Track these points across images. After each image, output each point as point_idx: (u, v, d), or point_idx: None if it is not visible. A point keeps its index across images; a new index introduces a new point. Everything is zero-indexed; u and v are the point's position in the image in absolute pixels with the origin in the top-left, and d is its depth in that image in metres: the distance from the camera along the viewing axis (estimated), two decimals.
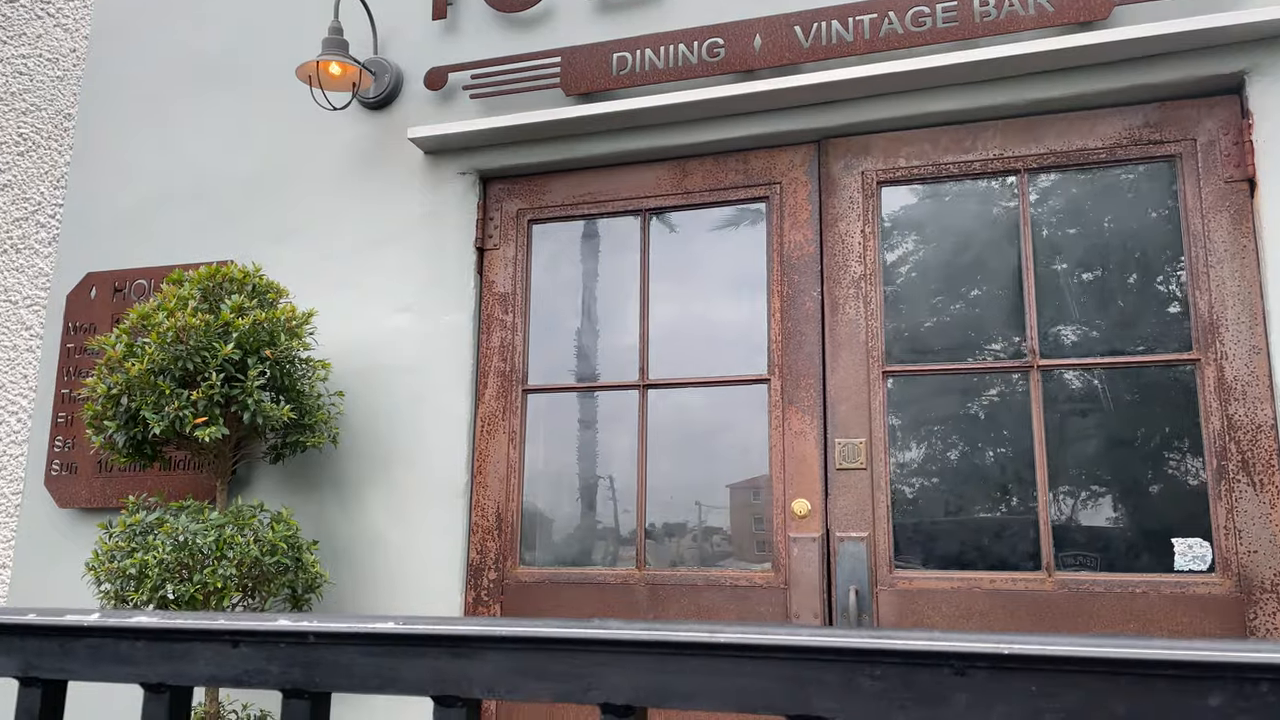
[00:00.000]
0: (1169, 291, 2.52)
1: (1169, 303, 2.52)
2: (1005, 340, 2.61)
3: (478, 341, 3.04)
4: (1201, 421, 2.42)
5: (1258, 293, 2.43)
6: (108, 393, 2.46)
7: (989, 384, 2.60)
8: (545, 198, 3.09)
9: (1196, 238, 2.49)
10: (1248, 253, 2.45)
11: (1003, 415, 2.58)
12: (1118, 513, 2.45)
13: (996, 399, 2.59)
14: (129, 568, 2.34)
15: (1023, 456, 2.54)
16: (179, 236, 3.35)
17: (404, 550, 2.90)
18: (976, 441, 2.58)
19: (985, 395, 2.60)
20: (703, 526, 2.77)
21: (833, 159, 2.83)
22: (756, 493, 2.73)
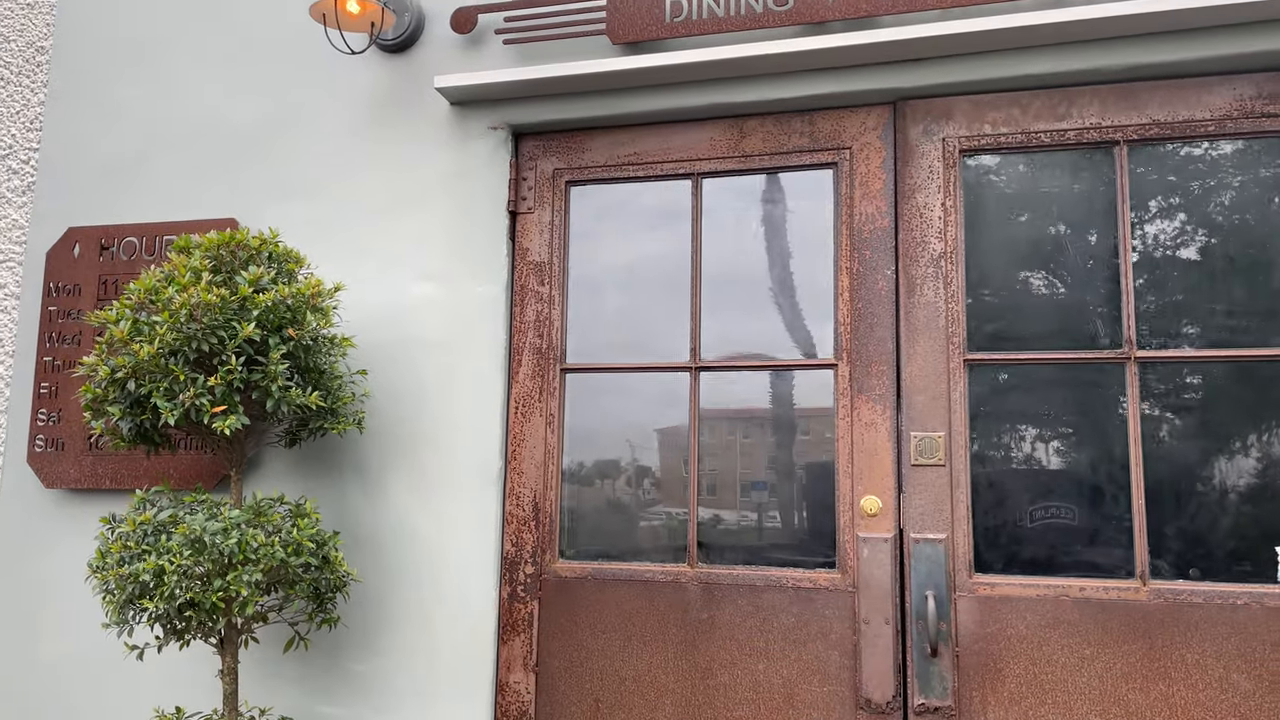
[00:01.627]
0: None
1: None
2: (1099, 329, 2.41)
3: (510, 315, 2.78)
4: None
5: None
6: (110, 375, 2.17)
7: (1081, 376, 2.41)
8: (585, 157, 2.81)
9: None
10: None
11: (1095, 410, 2.39)
12: (1219, 518, 2.28)
13: (1088, 392, 2.39)
14: (142, 573, 2.08)
15: (1116, 455, 2.36)
16: (172, 189, 3.02)
17: (433, 542, 2.67)
18: (1065, 438, 2.39)
19: (1076, 388, 2.40)
20: (760, 522, 2.57)
21: (910, 123, 2.58)
22: (820, 488, 2.53)
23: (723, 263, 2.69)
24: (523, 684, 2.61)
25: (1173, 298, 2.38)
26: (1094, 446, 2.37)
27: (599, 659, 2.58)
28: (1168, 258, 2.40)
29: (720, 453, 2.61)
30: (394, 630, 2.66)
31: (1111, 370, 2.39)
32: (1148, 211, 2.42)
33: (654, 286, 2.73)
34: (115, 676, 2.81)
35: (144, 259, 2.96)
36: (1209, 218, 2.39)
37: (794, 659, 2.45)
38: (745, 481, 2.60)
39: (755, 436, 2.60)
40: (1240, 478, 2.28)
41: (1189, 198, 2.41)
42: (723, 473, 2.61)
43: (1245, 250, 2.36)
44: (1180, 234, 2.40)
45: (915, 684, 2.34)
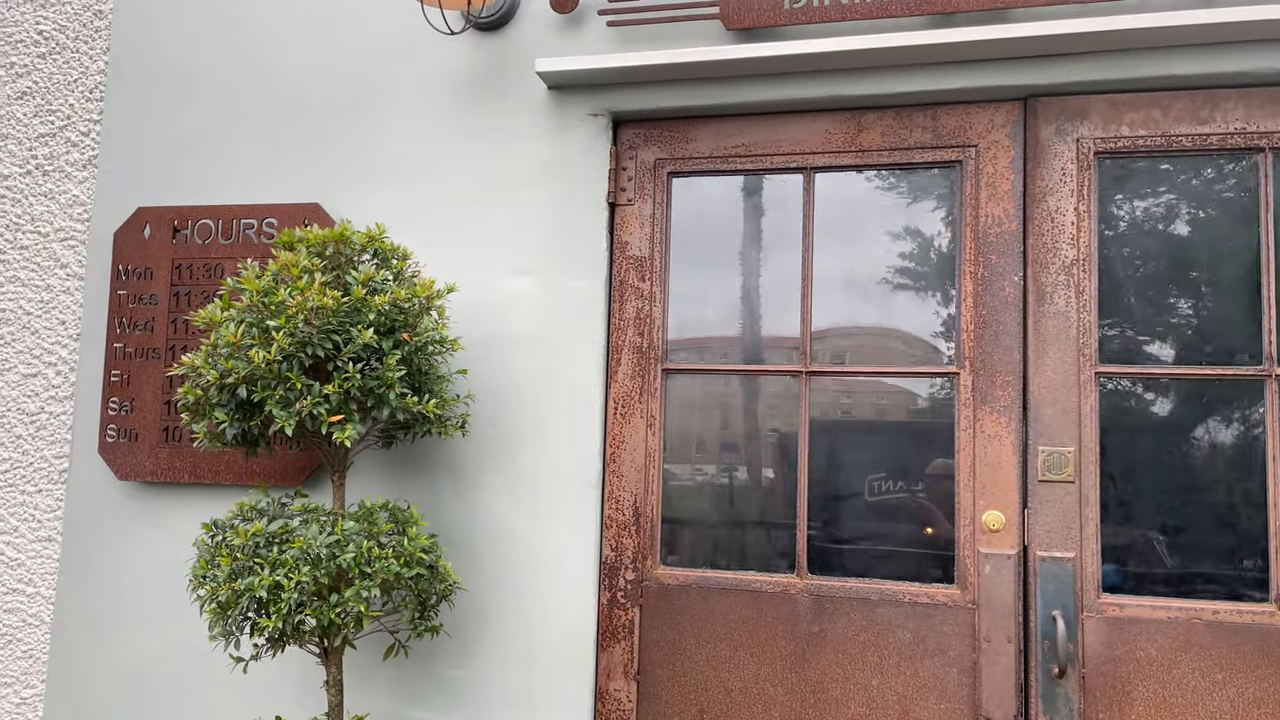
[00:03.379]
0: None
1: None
2: (1239, 344, 2.33)
3: (609, 312, 2.67)
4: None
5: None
6: (220, 380, 2.06)
7: (1217, 392, 2.33)
8: (689, 147, 2.68)
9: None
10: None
11: (1233, 428, 2.31)
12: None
13: (1225, 409, 2.32)
14: (257, 588, 1.99)
15: (1254, 474, 2.29)
16: (249, 170, 2.88)
17: (530, 545, 2.59)
18: (1199, 457, 2.32)
19: (1212, 404, 2.33)
20: (873, 533, 2.50)
21: (1042, 121, 2.46)
22: (938, 500, 2.45)
23: (835, 262, 2.58)
24: (624, 692, 2.55)
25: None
26: (1229, 466, 2.30)
27: (704, 669, 2.52)
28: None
29: (830, 460, 2.53)
30: (490, 635, 2.58)
31: (1250, 386, 2.31)
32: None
33: (761, 285, 2.63)
34: (197, 675, 2.74)
35: (219, 243, 2.83)
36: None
37: (910, 675, 2.39)
38: (856, 491, 2.52)
39: (868, 445, 2.52)
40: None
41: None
42: (832, 481, 2.53)
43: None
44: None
45: (1039, 705, 2.29)
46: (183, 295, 2.84)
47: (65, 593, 2.87)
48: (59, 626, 2.87)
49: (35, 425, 3.01)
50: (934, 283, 2.51)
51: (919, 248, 2.53)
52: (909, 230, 2.54)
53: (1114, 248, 2.41)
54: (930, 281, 2.51)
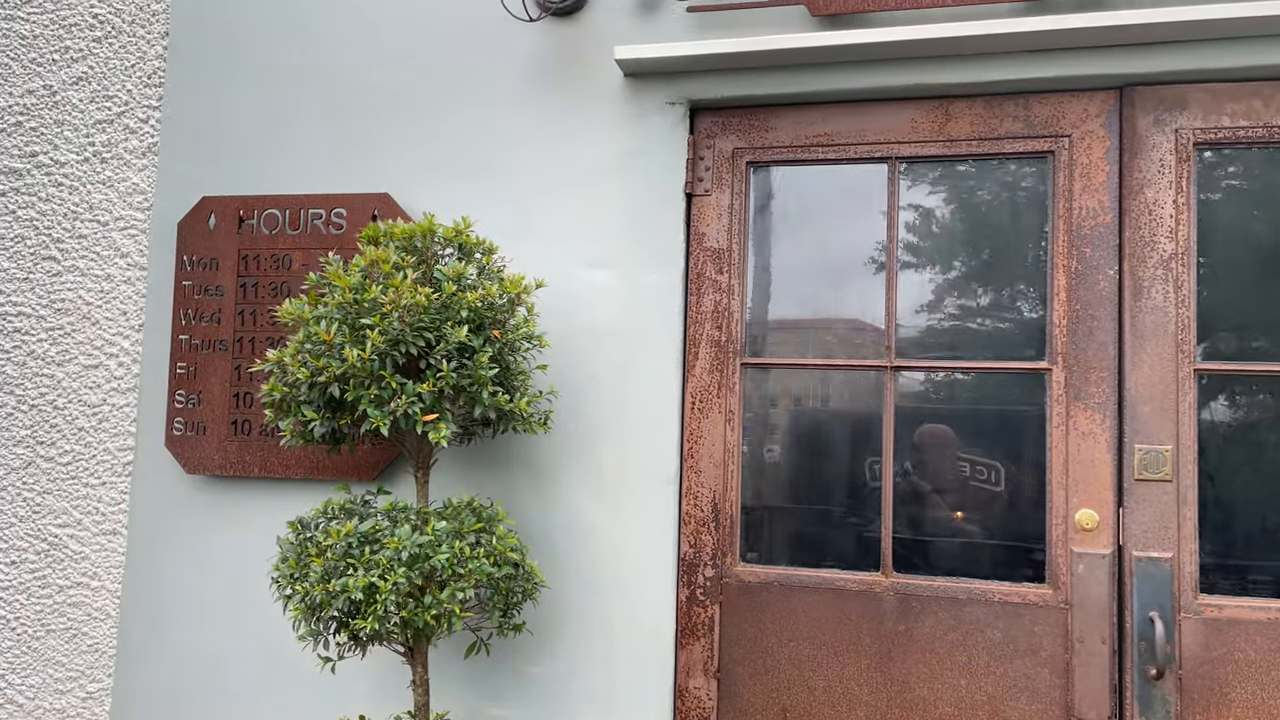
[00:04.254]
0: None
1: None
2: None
3: (686, 305, 2.62)
4: None
5: None
6: (310, 378, 2.02)
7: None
8: (768, 136, 2.63)
9: None
10: None
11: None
12: None
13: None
14: (354, 590, 1.96)
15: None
16: (315, 159, 2.83)
17: (608, 541, 2.55)
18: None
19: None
20: (959, 531, 2.46)
21: (1139, 111, 2.40)
22: (1028, 498, 2.41)
23: (921, 254, 2.53)
24: (703, 689, 2.52)
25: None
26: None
27: (786, 667, 2.49)
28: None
29: (915, 456, 2.49)
30: (569, 632, 2.55)
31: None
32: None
33: (843, 278, 2.58)
34: (270, 670, 2.71)
35: (287, 233, 2.79)
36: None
37: (999, 675, 2.36)
38: (943, 487, 2.47)
39: (954, 441, 2.47)
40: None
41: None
42: (918, 477, 2.48)
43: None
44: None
45: (1135, 706, 2.26)
46: (250, 286, 2.79)
47: (132, 586, 2.84)
48: (126, 620, 2.84)
49: (98, 417, 2.98)
50: (1024, 276, 2.45)
51: (1008, 240, 2.47)
52: (998, 222, 2.49)
53: (1214, 241, 2.35)
54: (1020, 275, 2.46)
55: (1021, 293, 2.45)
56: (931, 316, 2.51)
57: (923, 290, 2.52)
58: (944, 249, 2.52)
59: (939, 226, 2.53)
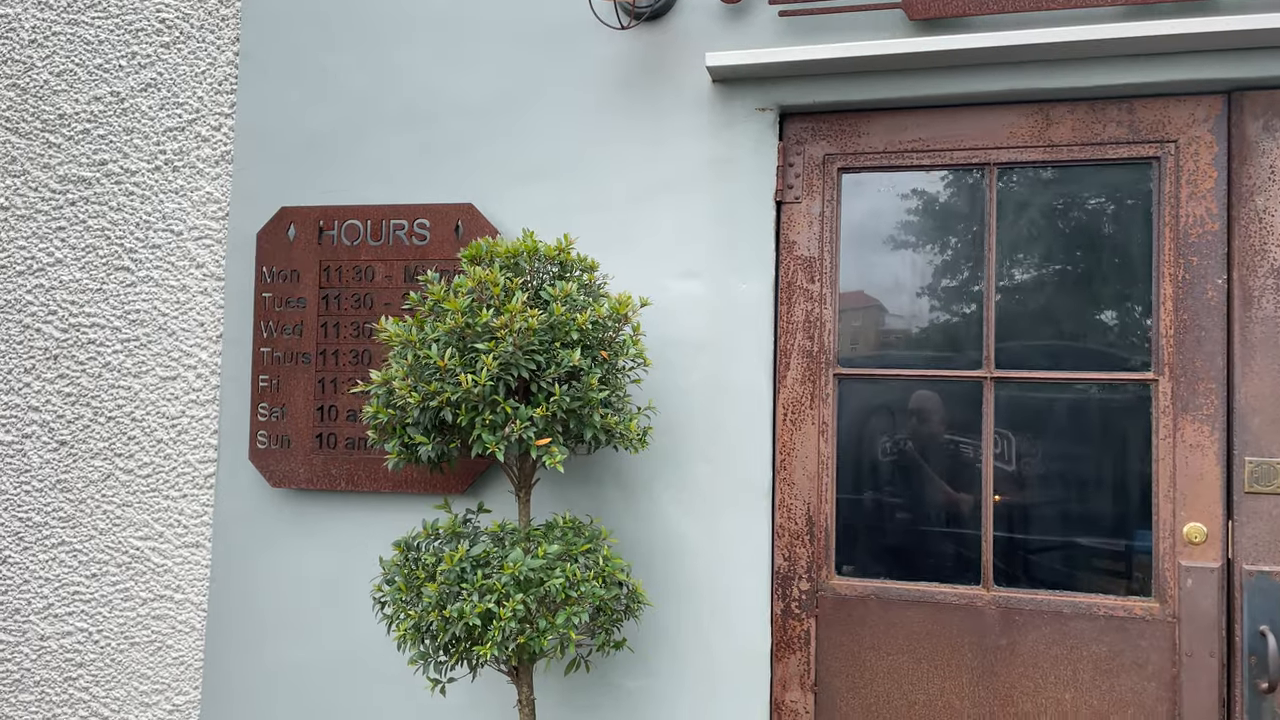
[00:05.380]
0: None
1: None
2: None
3: (776, 315, 2.59)
4: None
5: None
6: (422, 402, 2.00)
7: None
8: (860, 141, 2.58)
9: None
10: None
11: None
12: None
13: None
14: (470, 616, 1.94)
15: None
16: (395, 169, 2.80)
17: (703, 556, 2.54)
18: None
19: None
20: (1062, 545, 2.43)
21: (1248, 116, 2.35)
22: (1133, 511, 2.38)
23: (1021, 262, 2.48)
24: (800, 703, 2.51)
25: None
26: None
27: (884, 681, 2.47)
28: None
29: (1015, 468, 2.46)
30: (665, 646, 2.54)
31: None
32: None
33: (940, 287, 2.54)
34: (360, 686, 2.71)
35: (369, 244, 2.76)
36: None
37: (1105, 690, 2.34)
38: (1044, 500, 2.45)
39: (1057, 452, 2.44)
40: None
41: None
42: (1018, 489, 2.46)
43: None
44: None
45: (1245, 719, 2.24)
46: (332, 298, 2.77)
47: (218, 599, 2.84)
48: (213, 633, 2.85)
49: (176, 429, 2.97)
50: (1129, 285, 2.41)
51: (1112, 248, 2.43)
52: (1101, 230, 2.44)
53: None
54: (1125, 284, 2.41)
55: (1126, 302, 2.41)
56: (1031, 325, 2.47)
57: (1022, 299, 2.48)
58: (1044, 257, 2.47)
59: (1039, 234, 2.48)
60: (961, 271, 2.52)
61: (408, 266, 2.73)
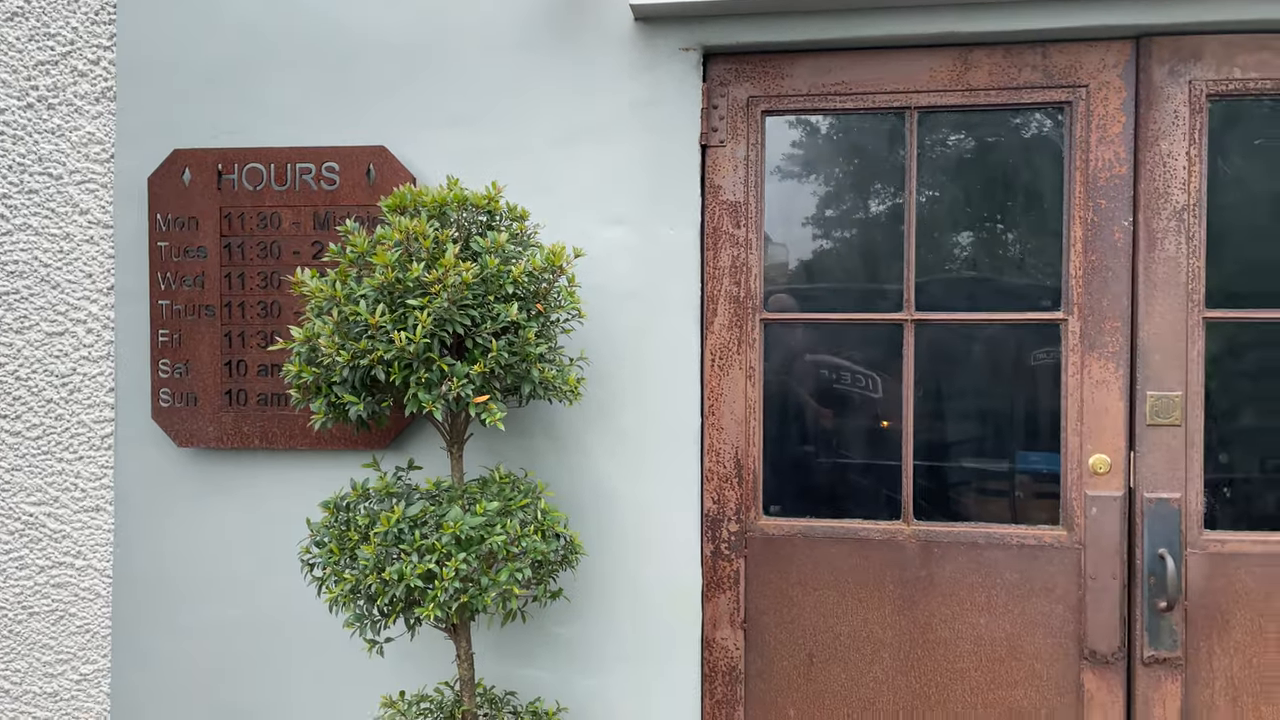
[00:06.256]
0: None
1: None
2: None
3: (703, 260, 2.58)
4: None
5: None
6: (351, 361, 1.92)
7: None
8: (783, 83, 2.56)
9: None
10: None
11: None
12: None
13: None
14: (411, 577, 1.91)
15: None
16: (300, 109, 2.64)
17: (634, 501, 2.55)
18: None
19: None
20: (977, 479, 2.54)
21: (1155, 62, 2.42)
22: (1043, 444, 2.49)
23: (940, 205, 2.53)
24: (730, 640, 2.57)
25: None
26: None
27: (811, 615, 2.55)
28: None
29: (934, 407, 2.54)
30: (598, 592, 2.56)
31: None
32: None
33: (862, 230, 2.57)
34: (284, 644, 2.65)
35: (274, 189, 2.61)
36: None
37: (1017, 614, 2.48)
38: (961, 437, 2.54)
39: (971, 391, 2.53)
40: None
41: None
42: (937, 427, 2.54)
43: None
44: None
45: (1145, 637, 2.40)
46: (235, 247, 2.62)
47: (125, 564, 2.72)
48: (120, 599, 2.72)
49: (68, 388, 2.79)
50: (1044, 228, 2.49)
51: (1029, 192, 2.50)
52: (1017, 173, 2.50)
53: (1222, 193, 2.42)
54: (1040, 227, 2.49)
55: (1040, 244, 2.49)
56: (950, 268, 2.53)
57: (941, 242, 2.53)
58: (963, 200, 2.53)
59: (958, 178, 2.53)
60: (883, 215, 2.55)
61: (317, 213, 2.60)
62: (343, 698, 2.63)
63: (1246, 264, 2.41)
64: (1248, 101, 2.42)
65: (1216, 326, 2.42)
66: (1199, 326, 2.40)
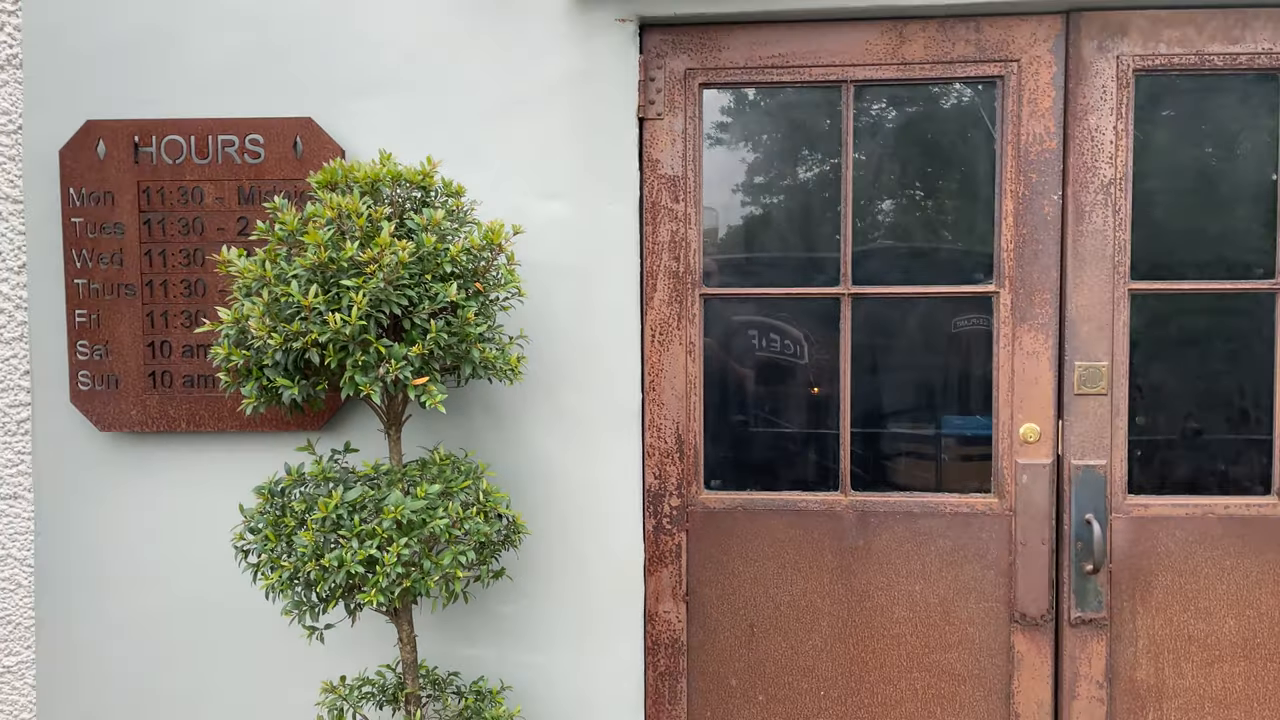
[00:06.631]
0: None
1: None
2: (1255, 259, 2.47)
3: (642, 236, 2.56)
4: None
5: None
6: (284, 344, 1.87)
7: (1234, 305, 2.48)
8: (721, 56, 2.54)
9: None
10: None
11: (1247, 338, 2.49)
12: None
13: (1240, 321, 2.48)
14: (352, 564, 1.88)
15: (1263, 381, 2.48)
16: (222, 78, 2.54)
17: (575, 478, 2.54)
18: (1216, 365, 2.49)
19: (1228, 316, 2.49)
20: (913, 449, 2.58)
21: (1084, 37, 2.46)
22: (976, 414, 2.55)
23: (877, 180, 2.55)
24: (673, 613, 2.59)
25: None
26: (1243, 372, 2.49)
27: (752, 586, 2.58)
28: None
29: (871, 380, 2.57)
30: (540, 570, 2.55)
31: (1262, 298, 2.48)
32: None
33: (799, 204, 2.57)
34: (216, 630, 2.59)
35: (195, 163, 2.51)
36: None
37: (950, 579, 2.54)
38: (897, 408, 2.58)
39: (907, 363, 2.57)
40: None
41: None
42: (874, 400, 2.58)
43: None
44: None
45: (1072, 599, 2.49)
46: (155, 223, 2.52)
47: (47, 552, 2.62)
48: (43, 588, 2.63)
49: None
50: (977, 202, 2.52)
51: (963, 167, 2.52)
52: (952, 148, 2.53)
53: (1146, 167, 2.48)
54: (974, 201, 2.52)
55: (973, 217, 2.52)
56: (886, 242, 2.55)
57: (878, 216, 2.55)
58: (899, 175, 2.55)
59: (894, 152, 2.55)
60: (821, 189, 2.56)
61: (241, 187, 2.51)
62: (283, 684, 2.59)
63: (1170, 237, 2.48)
64: (1172, 76, 2.47)
65: (1141, 298, 2.49)
66: (1124, 298, 2.47)
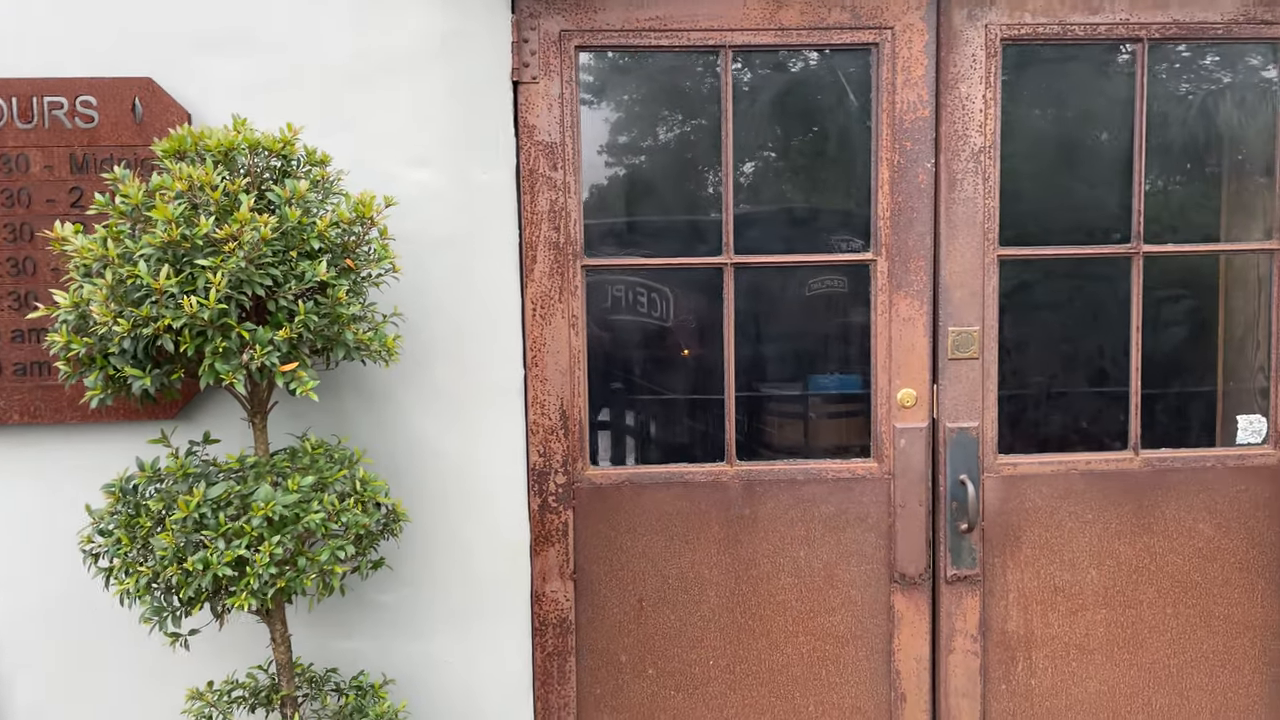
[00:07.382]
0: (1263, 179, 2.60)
1: (1258, 189, 2.60)
2: (1114, 224, 2.58)
3: (520, 205, 2.46)
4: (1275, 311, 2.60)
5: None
6: (131, 330, 1.70)
7: (1095, 269, 2.59)
8: (596, 18, 2.45)
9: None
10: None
11: (1106, 300, 2.60)
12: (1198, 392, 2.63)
13: (1101, 284, 2.59)
14: (219, 567, 1.74)
15: (1120, 342, 2.60)
16: (40, 32, 2.28)
17: (456, 459, 2.45)
18: (1076, 326, 2.60)
19: (1090, 280, 2.59)
20: (796, 417, 2.60)
21: (954, 5, 2.49)
22: (855, 381, 2.58)
23: (755, 148, 2.53)
24: (560, 592, 2.54)
25: (1174, 194, 2.58)
26: (1103, 333, 2.60)
27: (640, 561, 2.56)
28: (1172, 155, 2.58)
29: (754, 348, 2.57)
30: (421, 555, 2.46)
31: (1120, 263, 2.59)
32: (1161, 108, 2.57)
33: (680, 172, 2.53)
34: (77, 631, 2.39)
35: (18, 128, 2.26)
36: (1209, 118, 2.58)
37: (833, 544, 2.58)
38: (780, 377, 2.59)
39: (789, 331, 2.58)
40: (1220, 357, 2.62)
41: (1196, 97, 2.57)
42: (757, 368, 2.58)
43: (1237, 150, 2.59)
44: (1179, 133, 2.58)
45: (948, 558, 2.57)
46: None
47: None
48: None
49: None
50: (852, 169, 2.53)
51: (841, 134, 2.53)
52: (829, 115, 2.53)
53: (1012, 135, 2.54)
54: (848, 168, 2.53)
55: (850, 185, 2.54)
56: (766, 210, 2.54)
57: (757, 185, 2.53)
58: (777, 143, 2.53)
59: (772, 119, 2.53)
60: (701, 157, 2.52)
61: (74, 155, 2.28)
62: (147, 691, 2.41)
63: (1035, 204, 2.56)
64: (1037, 45, 2.53)
65: (1008, 264, 2.56)
66: (993, 264, 2.53)
